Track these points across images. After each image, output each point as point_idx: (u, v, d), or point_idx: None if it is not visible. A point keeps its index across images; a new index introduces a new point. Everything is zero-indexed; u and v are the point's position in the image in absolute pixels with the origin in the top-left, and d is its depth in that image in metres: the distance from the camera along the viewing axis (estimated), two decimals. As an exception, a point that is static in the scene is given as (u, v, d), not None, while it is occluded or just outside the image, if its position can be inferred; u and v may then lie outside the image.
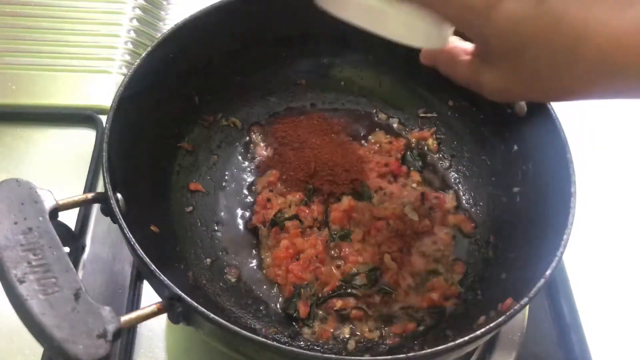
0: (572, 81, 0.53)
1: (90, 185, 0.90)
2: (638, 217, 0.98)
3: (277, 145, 0.93)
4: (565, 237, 0.64)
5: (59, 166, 0.96)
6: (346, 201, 0.84)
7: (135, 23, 1.15)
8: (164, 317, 0.58)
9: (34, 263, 0.53)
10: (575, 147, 0.72)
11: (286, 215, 0.83)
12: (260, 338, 0.56)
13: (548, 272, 0.62)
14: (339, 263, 0.80)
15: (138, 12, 1.17)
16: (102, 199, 0.64)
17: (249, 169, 0.91)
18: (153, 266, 0.59)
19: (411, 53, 0.93)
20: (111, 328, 0.51)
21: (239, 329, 0.56)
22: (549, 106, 0.75)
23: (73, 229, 0.85)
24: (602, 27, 0.48)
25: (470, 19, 0.53)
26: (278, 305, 0.78)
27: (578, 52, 0.49)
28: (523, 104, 0.79)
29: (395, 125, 0.98)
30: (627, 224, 0.97)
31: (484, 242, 0.84)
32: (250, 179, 0.90)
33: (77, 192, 0.64)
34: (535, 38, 0.51)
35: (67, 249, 0.57)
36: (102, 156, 0.66)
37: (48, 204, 0.59)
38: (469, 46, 0.63)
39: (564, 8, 0.49)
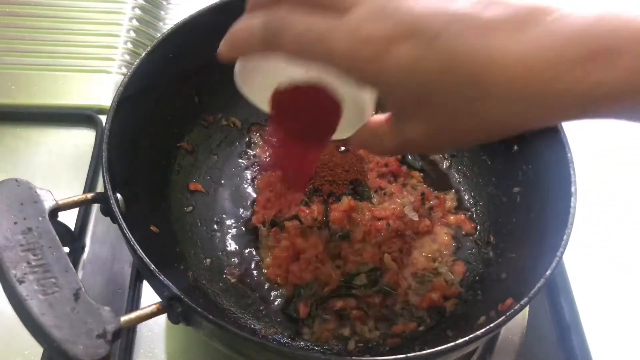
0: (489, 116, 0.46)
1: (90, 185, 0.90)
2: (638, 218, 0.98)
3: (277, 145, 0.93)
4: (565, 237, 0.64)
5: (59, 166, 0.96)
6: (346, 201, 0.84)
7: (135, 23, 1.15)
8: (164, 317, 0.58)
9: (33, 263, 0.53)
10: (575, 147, 0.72)
11: (286, 215, 0.83)
12: (259, 338, 0.56)
13: (548, 272, 0.62)
14: (339, 263, 0.80)
15: (138, 12, 1.17)
16: (102, 199, 0.64)
17: (248, 169, 0.91)
18: (153, 266, 0.59)
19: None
20: (111, 328, 0.51)
21: (238, 330, 0.56)
22: (549, 106, 0.75)
23: (73, 229, 0.85)
24: (503, 53, 0.43)
25: (363, 70, 0.47)
26: (278, 306, 0.78)
27: (484, 84, 0.44)
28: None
29: (395, 125, 0.98)
30: (628, 223, 0.97)
31: (484, 242, 0.84)
32: (250, 179, 0.90)
33: (77, 192, 0.64)
34: (436, 78, 0.45)
35: (67, 249, 0.57)
36: (102, 156, 0.66)
37: (48, 204, 0.59)
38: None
39: (459, 40, 0.43)
